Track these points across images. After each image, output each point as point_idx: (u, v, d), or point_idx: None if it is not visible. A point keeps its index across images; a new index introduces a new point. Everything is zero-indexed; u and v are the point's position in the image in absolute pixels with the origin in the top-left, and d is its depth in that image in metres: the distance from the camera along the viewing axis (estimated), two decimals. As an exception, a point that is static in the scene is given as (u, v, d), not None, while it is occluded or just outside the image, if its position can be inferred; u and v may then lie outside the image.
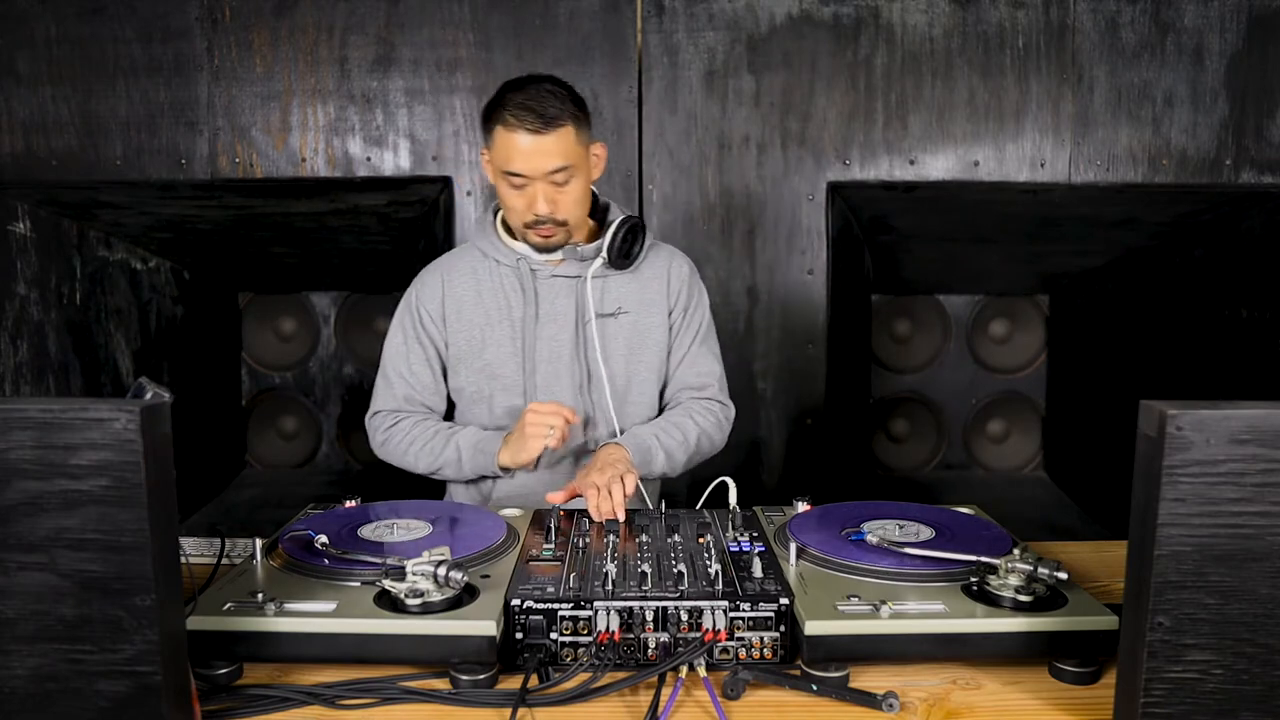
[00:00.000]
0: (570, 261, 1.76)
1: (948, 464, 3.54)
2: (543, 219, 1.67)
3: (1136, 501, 0.94)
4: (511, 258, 1.77)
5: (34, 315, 2.57)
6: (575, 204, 1.69)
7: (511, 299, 1.78)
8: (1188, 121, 2.54)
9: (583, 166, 1.67)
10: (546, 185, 1.64)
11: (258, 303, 3.47)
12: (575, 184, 1.66)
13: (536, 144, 1.61)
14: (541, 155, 1.61)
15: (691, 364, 1.83)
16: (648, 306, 1.80)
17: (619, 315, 1.78)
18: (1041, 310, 3.45)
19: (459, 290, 1.81)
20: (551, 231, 1.69)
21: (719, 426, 1.83)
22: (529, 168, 1.62)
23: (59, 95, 2.52)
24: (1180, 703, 0.94)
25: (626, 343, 1.79)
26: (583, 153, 1.67)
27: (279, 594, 1.18)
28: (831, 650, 1.11)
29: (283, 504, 3.04)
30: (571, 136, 1.63)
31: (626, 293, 1.79)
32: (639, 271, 1.80)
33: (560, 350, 1.77)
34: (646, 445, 1.71)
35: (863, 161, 2.60)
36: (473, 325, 1.79)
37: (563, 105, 1.63)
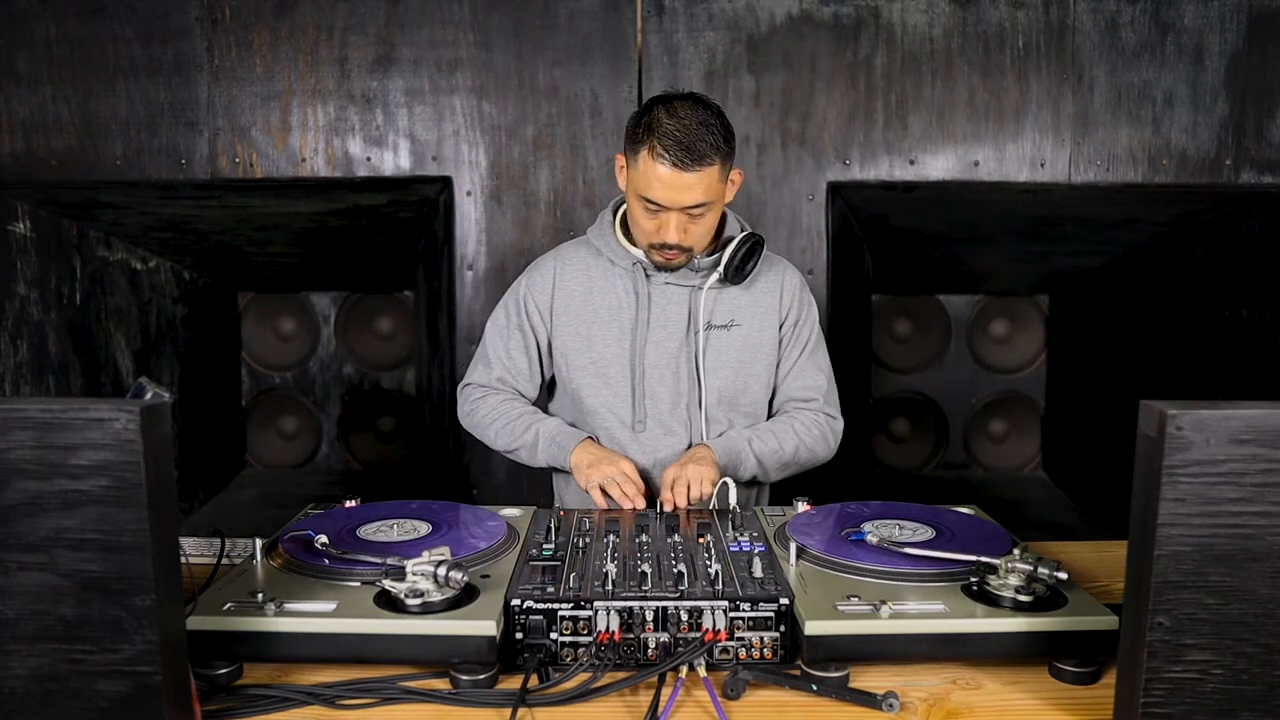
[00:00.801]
0: (685, 271, 1.74)
1: (948, 464, 3.54)
2: (670, 245, 1.65)
3: (1136, 501, 0.94)
4: (627, 260, 1.75)
5: (34, 315, 2.57)
6: (705, 234, 1.67)
7: (623, 300, 1.76)
8: (1188, 121, 2.54)
9: (720, 200, 1.65)
10: (681, 216, 1.61)
11: (258, 303, 3.47)
12: (710, 217, 1.64)
13: (679, 179, 1.57)
14: (683, 190, 1.58)
15: (798, 376, 1.81)
16: (760, 320, 1.78)
17: (731, 328, 1.76)
18: (1041, 310, 3.45)
19: (570, 284, 1.79)
20: (675, 256, 1.68)
21: (823, 439, 1.80)
22: (668, 199, 1.59)
23: (59, 95, 2.52)
24: (1180, 703, 0.94)
25: (737, 355, 1.77)
26: (722, 188, 1.64)
27: (279, 594, 1.18)
28: (831, 650, 1.11)
29: (283, 504, 3.04)
30: (715, 174, 1.60)
31: (739, 305, 1.77)
32: (752, 284, 1.78)
33: (667, 357, 1.75)
34: (737, 449, 1.71)
35: (863, 161, 2.60)
36: (580, 321, 1.78)
37: (713, 141, 1.57)
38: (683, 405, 1.77)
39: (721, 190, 1.64)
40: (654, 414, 1.77)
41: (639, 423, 1.76)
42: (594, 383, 1.78)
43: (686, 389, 1.76)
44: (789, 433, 1.76)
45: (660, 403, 1.76)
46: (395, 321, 3.47)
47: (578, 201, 2.61)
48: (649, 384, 1.76)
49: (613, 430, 1.78)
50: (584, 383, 1.79)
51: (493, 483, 2.71)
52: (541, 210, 2.62)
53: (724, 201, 1.69)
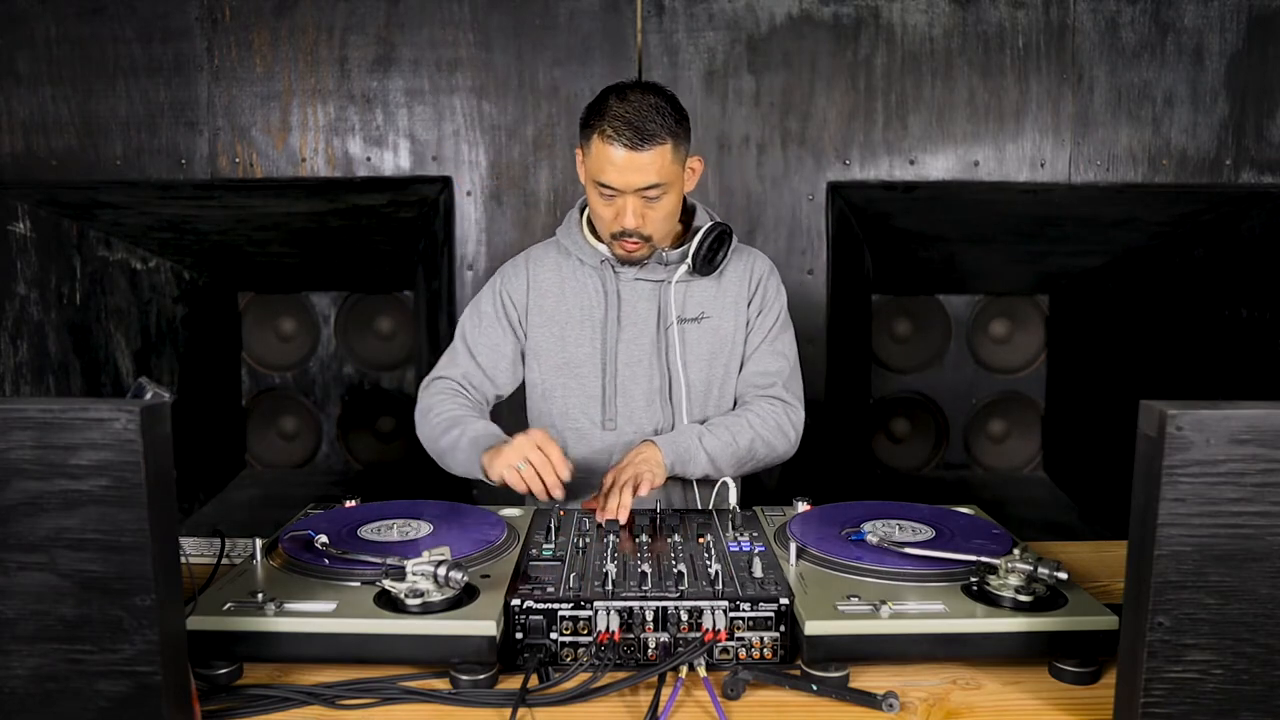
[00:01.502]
0: (653, 265, 1.73)
1: (948, 464, 3.54)
2: (629, 232, 1.63)
3: (1136, 501, 0.94)
4: (595, 258, 1.74)
5: (34, 315, 2.57)
6: (663, 219, 1.65)
7: (594, 299, 1.75)
8: (1188, 121, 2.54)
9: (676, 183, 1.63)
10: (637, 200, 1.60)
11: (258, 303, 3.47)
12: (666, 200, 1.63)
13: (630, 160, 1.57)
14: (635, 171, 1.57)
15: (758, 361, 1.78)
16: (729, 310, 1.76)
17: (701, 320, 1.75)
18: (1041, 310, 3.45)
19: (543, 283, 1.78)
20: (637, 245, 1.66)
21: (781, 431, 1.74)
22: (621, 182, 1.59)
23: (59, 95, 2.52)
24: (1180, 703, 0.93)
25: (709, 348, 1.76)
26: (678, 170, 1.63)
27: (279, 594, 1.18)
28: (831, 650, 1.11)
29: (283, 504, 3.04)
30: (668, 155, 1.59)
31: (708, 297, 1.76)
32: (722, 275, 1.77)
33: (640, 355, 1.74)
34: (685, 445, 1.66)
35: (863, 161, 2.60)
36: (554, 321, 1.77)
37: (663, 121, 1.57)
38: (656, 402, 1.75)
39: (677, 174, 1.63)
40: (625, 412, 1.75)
41: (609, 421, 1.75)
42: (566, 383, 1.77)
43: (659, 385, 1.75)
44: (744, 426, 1.70)
45: (633, 400, 1.75)
46: (395, 321, 3.47)
47: (577, 202, 2.61)
48: (621, 382, 1.75)
49: (584, 430, 1.77)
50: (556, 383, 1.77)
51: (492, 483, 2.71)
52: (541, 210, 2.62)
53: (682, 187, 1.67)
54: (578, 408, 1.77)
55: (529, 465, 1.49)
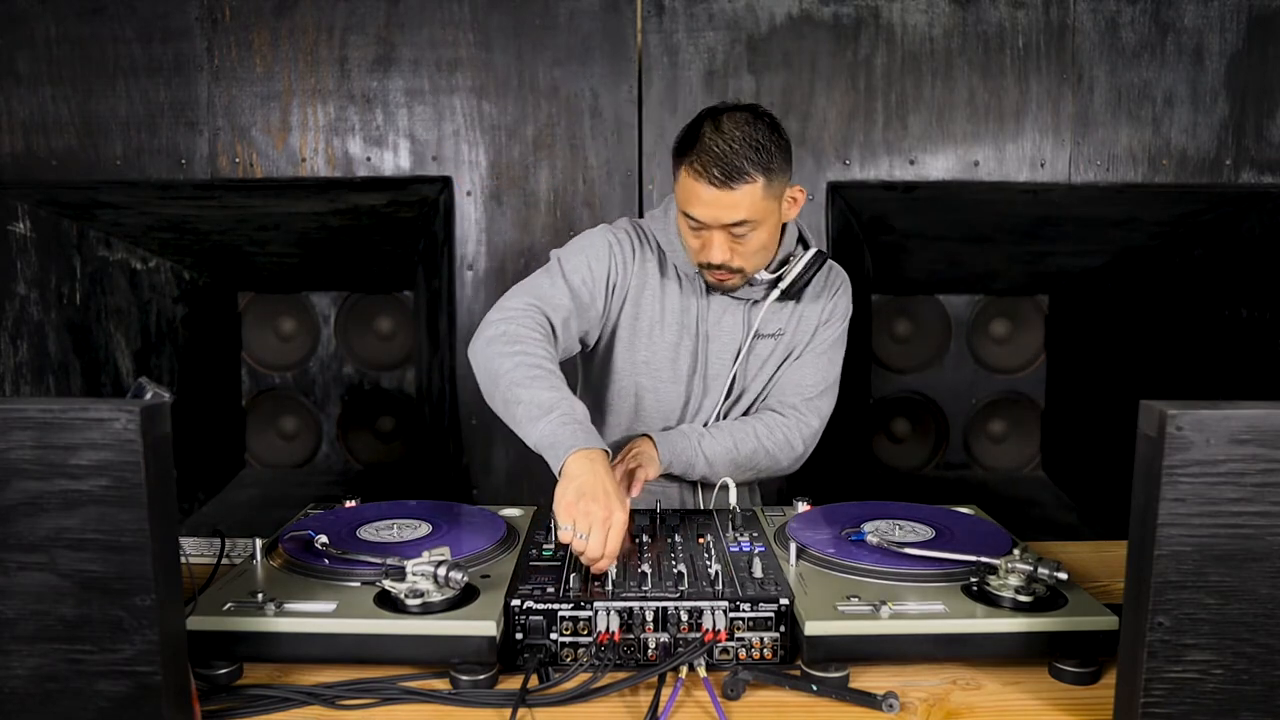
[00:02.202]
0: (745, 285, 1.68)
1: (948, 464, 3.54)
2: (716, 265, 1.58)
3: (1136, 501, 0.94)
4: (690, 267, 1.67)
5: (34, 315, 2.57)
6: (754, 254, 1.58)
7: (685, 303, 1.70)
8: (1188, 121, 2.54)
9: (769, 219, 1.55)
10: (724, 235, 1.54)
11: (258, 303, 3.47)
12: (757, 236, 1.55)
13: (718, 198, 1.50)
14: (724, 209, 1.50)
15: (798, 370, 1.74)
16: (802, 326, 1.73)
17: (778, 336, 1.72)
18: (1041, 310, 3.45)
19: (646, 276, 1.69)
20: (726, 276, 1.60)
21: (787, 444, 1.69)
22: (709, 217, 1.52)
23: (59, 95, 2.52)
24: (1180, 703, 0.94)
25: (778, 362, 1.74)
26: (772, 205, 1.54)
27: (279, 594, 1.18)
28: (831, 650, 1.11)
29: (283, 504, 3.04)
30: (758, 192, 1.50)
31: (787, 314, 1.73)
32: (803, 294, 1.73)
33: (720, 369, 1.71)
34: (683, 446, 1.64)
35: (863, 161, 2.60)
36: (645, 315, 1.69)
37: (756, 158, 1.48)
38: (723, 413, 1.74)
39: (772, 209, 1.55)
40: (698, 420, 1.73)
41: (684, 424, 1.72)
42: (642, 382, 1.72)
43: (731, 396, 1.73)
44: (748, 435, 1.67)
45: (708, 409, 1.73)
46: (395, 321, 3.47)
47: (578, 202, 2.61)
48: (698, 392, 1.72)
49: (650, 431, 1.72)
50: (631, 381, 1.73)
51: (493, 483, 2.71)
52: (541, 210, 2.62)
53: (778, 222, 1.59)
54: (651, 408, 1.73)
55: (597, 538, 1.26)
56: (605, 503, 1.25)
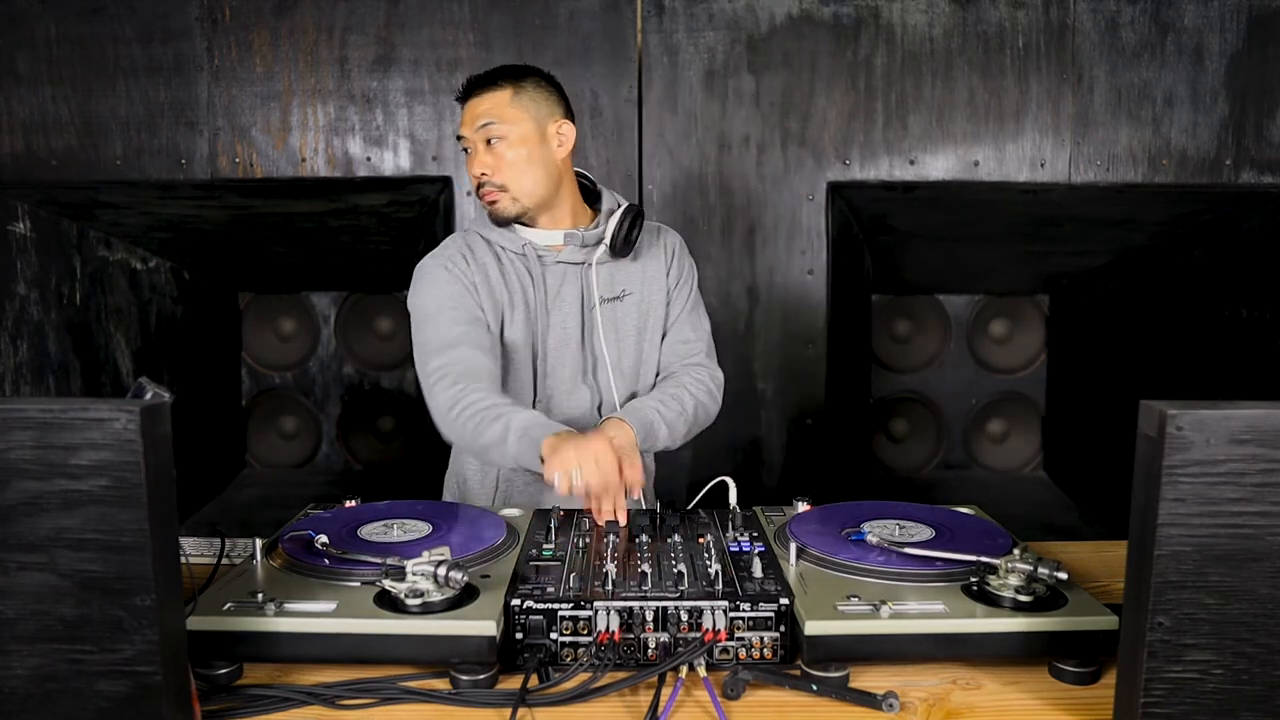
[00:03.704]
0: (573, 248, 1.77)
1: (948, 464, 3.54)
2: (483, 181, 1.71)
3: (1136, 501, 0.94)
4: (518, 244, 1.77)
5: (34, 315, 2.57)
6: (512, 168, 1.70)
7: (524, 283, 1.78)
8: (1188, 121, 2.54)
9: (523, 133, 1.70)
10: (482, 145, 1.70)
11: (258, 303, 3.47)
12: (511, 148, 1.70)
13: (470, 106, 1.72)
14: (474, 116, 1.70)
15: (679, 331, 1.86)
16: (650, 285, 1.83)
17: (624, 298, 1.81)
18: (1041, 310, 3.45)
19: (483, 268, 1.76)
20: (494, 195, 1.72)
21: (711, 394, 1.83)
22: (466, 129, 1.72)
23: (59, 95, 2.52)
24: (1180, 703, 0.93)
25: (635, 324, 1.82)
26: (524, 119, 1.70)
27: (279, 594, 1.18)
28: (831, 650, 1.11)
29: (283, 504, 3.04)
30: (505, 98, 1.69)
31: (629, 275, 1.82)
32: (638, 253, 1.83)
33: (568, 336, 1.79)
34: (649, 420, 1.70)
35: (863, 161, 2.60)
36: (495, 307, 1.77)
37: (504, 72, 1.72)
38: (582, 381, 1.80)
39: (525, 123, 1.70)
40: (553, 392, 1.79)
41: (539, 403, 1.78)
42: (506, 366, 1.78)
43: (589, 365, 1.79)
44: (685, 395, 1.78)
45: (560, 381, 1.79)
46: (395, 321, 3.47)
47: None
48: (550, 365, 1.79)
49: None
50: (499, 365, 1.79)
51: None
52: (541, 210, 2.61)
53: (538, 142, 1.72)
54: (515, 390, 1.79)
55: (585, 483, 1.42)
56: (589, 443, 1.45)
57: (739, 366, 2.68)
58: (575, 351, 1.79)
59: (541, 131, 1.73)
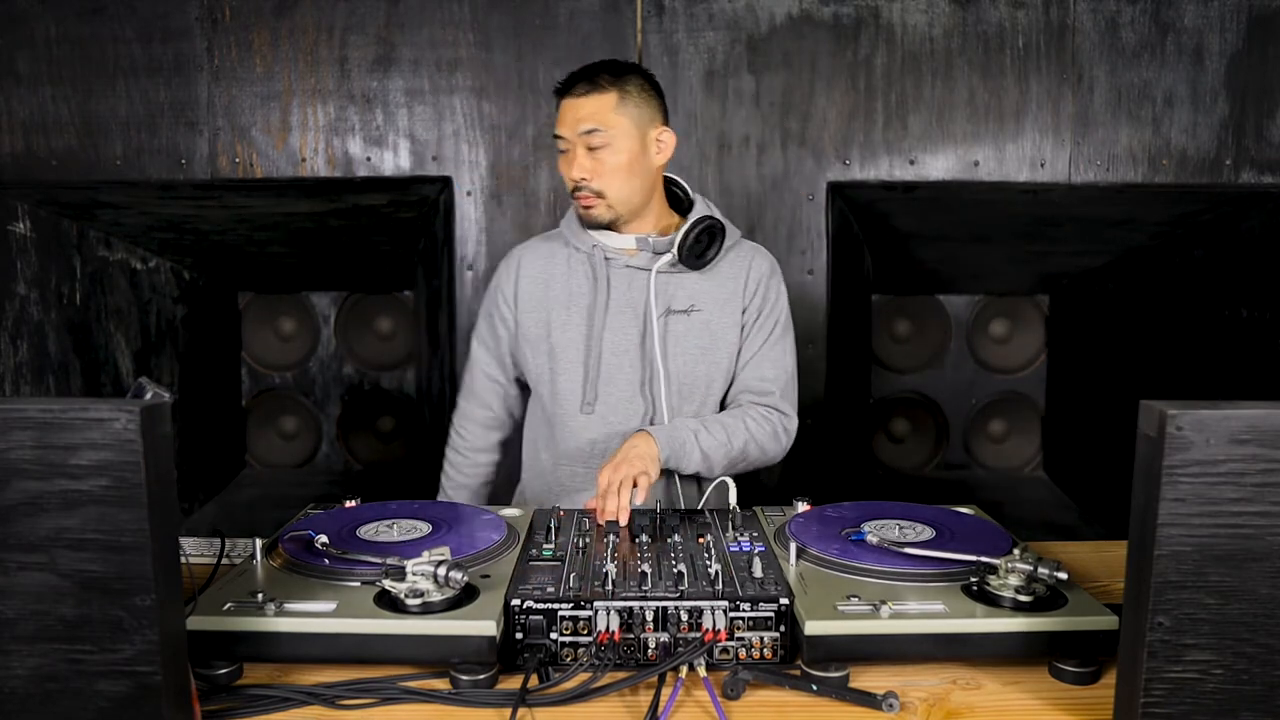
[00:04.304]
0: (644, 254, 1.75)
1: (948, 464, 3.54)
2: (580, 185, 1.68)
3: (1136, 501, 0.94)
4: (586, 243, 1.77)
5: (34, 315, 2.57)
6: (612, 175, 1.68)
7: (583, 285, 1.77)
8: (1188, 121, 2.54)
9: (625, 139, 1.67)
10: (583, 149, 1.67)
11: (258, 303, 3.47)
12: (613, 154, 1.67)
13: (574, 106, 1.67)
14: (576, 118, 1.66)
15: (757, 367, 1.77)
16: (721, 305, 1.76)
17: (690, 313, 1.74)
18: (1041, 310, 3.45)
19: (532, 271, 1.81)
20: (590, 201, 1.69)
21: (774, 436, 1.75)
22: (567, 130, 1.68)
23: (59, 95, 2.52)
24: (1180, 703, 0.94)
25: (699, 342, 1.75)
26: (627, 125, 1.67)
27: (279, 594, 1.18)
28: (831, 650, 1.11)
29: (283, 504, 3.04)
30: (610, 102, 1.65)
31: (700, 290, 1.75)
32: (717, 269, 1.76)
33: (627, 343, 1.75)
34: (682, 440, 1.65)
35: (863, 161, 2.60)
36: (540, 307, 1.79)
37: (611, 73, 1.66)
38: (639, 391, 1.74)
39: (628, 130, 1.67)
40: (606, 398, 1.75)
41: (587, 404, 1.74)
42: (554, 367, 1.77)
43: (646, 375, 1.74)
44: (740, 428, 1.70)
45: (616, 387, 1.74)
46: (395, 321, 3.47)
47: (578, 201, 2.61)
48: (605, 368, 1.74)
49: (568, 415, 1.77)
50: (545, 368, 1.79)
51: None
52: (541, 210, 2.62)
53: (639, 149, 1.69)
54: (565, 390, 1.76)
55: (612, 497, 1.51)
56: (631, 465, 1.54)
57: (739, 366, 2.68)
58: (634, 359, 1.74)
59: (643, 139, 1.70)
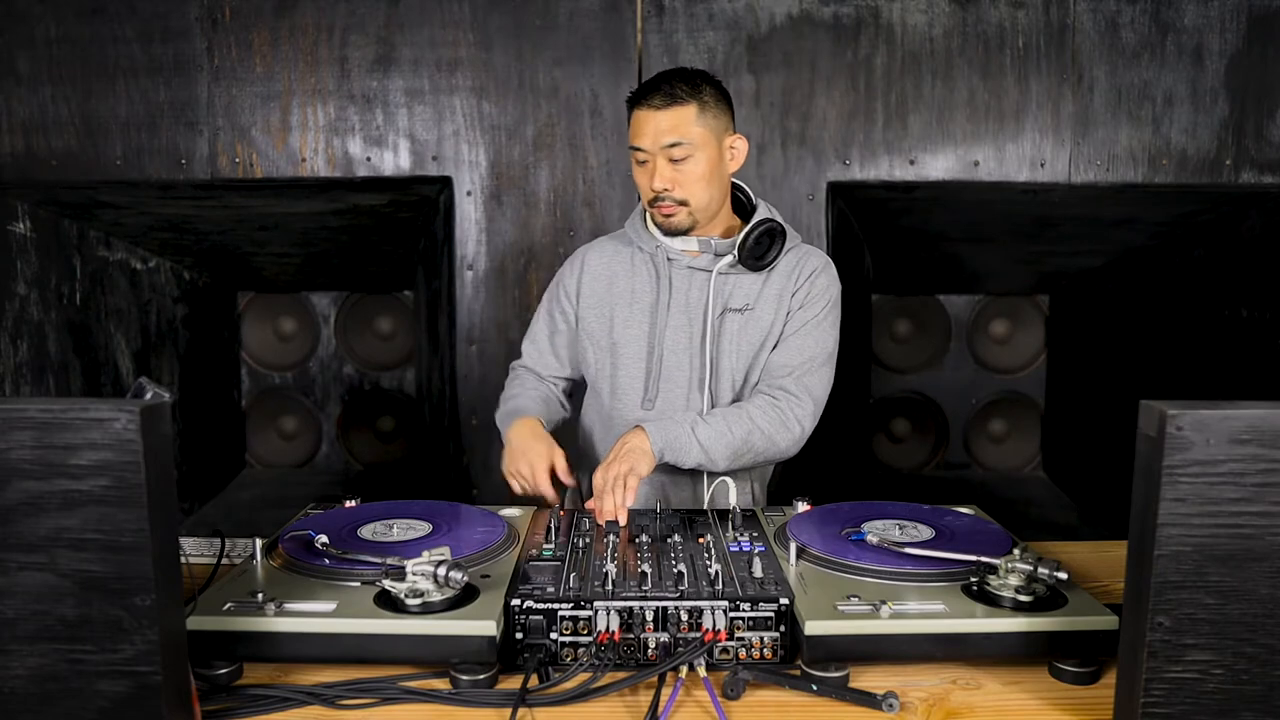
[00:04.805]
0: (706, 255, 1.78)
1: (948, 464, 3.54)
2: (661, 196, 1.70)
3: (1136, 501, 0.94)
4: (650, 244, 1.81)
5: (34, 315, 2.57)
6: (694, 184, 1.70)
7: (645, 284, 1.81)
8: (1188, 121, 2.54)
9: (705, 148, 1.69)
10: (664, 161, 1.68)
11: (258, 303, 3.47)
12: (695, 165, 1.69)
13: (653, 119, 1.67)
14: (659, 131, 1.67)
15: (782, 351, 1.76)
16: (771, 302, 1.77)
17: (745, 311, 1.77)
18: (1041, 310, 3.45)
19: (596, 268, 1.86)
20: (672, 210, 1.72)
21: (783, 425, 1.71)
22: (646, 142, 1.68)
23: (59, 95, 2.52)
24: (1180, 703, 0.94)
25: (752, 339, 1.77)
26: (708, 136, 1.69)
27: (279, 594, 1.18)
28: (831, 650, 1.11)
29: (283, 504, 3.04)
30: (692, 115, 1.67)
31: (756, 289, 1.78)
32: (774, 270, 1.78)
33: (686, 341, 1.78)
34: (676, 433, 1.64)
35: (863, 161, 2.60)
36: (603, 304, 1.83)
37: (689, 84, 1.68)
38: (697, 388, 1.77)
39: (708, 140, 1.69)
40: (666, 394, 1.78)
41: (648, 401, 1.79)
42: (615, 362, 1.81)
43: (705, 373, 1.76)
44: (741, 417, 1.68)
45: (675, 384, 1.78)
46: (395, 321, 3.47)
47: (578, 201, 2.61)
48: (666, 366, 1.78)
49: (628, 410, 1.80)
50: (606, 363, 1.83)
51: (493, 483, 2.71)
52: (541, 210, 2.62)
53: (717, 157, 1.71)
54: (625, 386, 1.81)
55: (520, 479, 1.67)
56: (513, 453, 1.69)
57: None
58: (695, 357, 1.77)
59: (720, 147, 1.73)
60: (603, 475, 1.52)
